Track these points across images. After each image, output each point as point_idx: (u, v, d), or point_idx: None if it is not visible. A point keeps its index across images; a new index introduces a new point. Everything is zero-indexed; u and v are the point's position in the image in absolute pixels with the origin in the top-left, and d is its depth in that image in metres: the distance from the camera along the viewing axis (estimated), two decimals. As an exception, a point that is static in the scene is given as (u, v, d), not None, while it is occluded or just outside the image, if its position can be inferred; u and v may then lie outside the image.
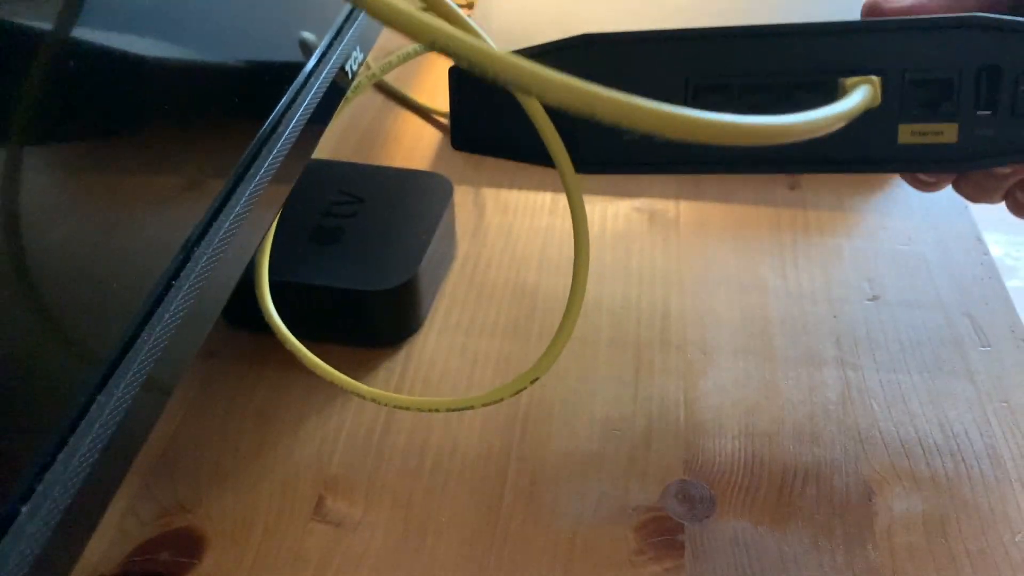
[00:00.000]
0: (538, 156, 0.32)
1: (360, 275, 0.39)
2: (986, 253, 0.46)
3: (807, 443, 0.36)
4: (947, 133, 0.28)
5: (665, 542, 0.32)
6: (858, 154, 0.29)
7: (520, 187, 0.51)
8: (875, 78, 0.28)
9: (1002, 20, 0.28)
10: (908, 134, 0.29)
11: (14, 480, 0.18)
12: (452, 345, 0.41)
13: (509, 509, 0.34)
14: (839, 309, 0.43)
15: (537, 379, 0.33)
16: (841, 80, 0.28)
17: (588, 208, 0.49)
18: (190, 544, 0.33)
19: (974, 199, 0.34)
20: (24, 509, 0.18)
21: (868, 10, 0.33)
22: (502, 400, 0.33)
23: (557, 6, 0.61)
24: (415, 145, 0.55)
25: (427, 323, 0.42)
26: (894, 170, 0.30)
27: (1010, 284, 0.45)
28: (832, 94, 0.28)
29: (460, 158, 0.53)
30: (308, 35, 0.34)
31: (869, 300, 0.43)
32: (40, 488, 0.19)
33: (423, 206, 0.43)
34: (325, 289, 0.38)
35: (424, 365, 0.40)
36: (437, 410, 0.34)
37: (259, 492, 0.34)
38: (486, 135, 0.34)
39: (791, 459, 0.35)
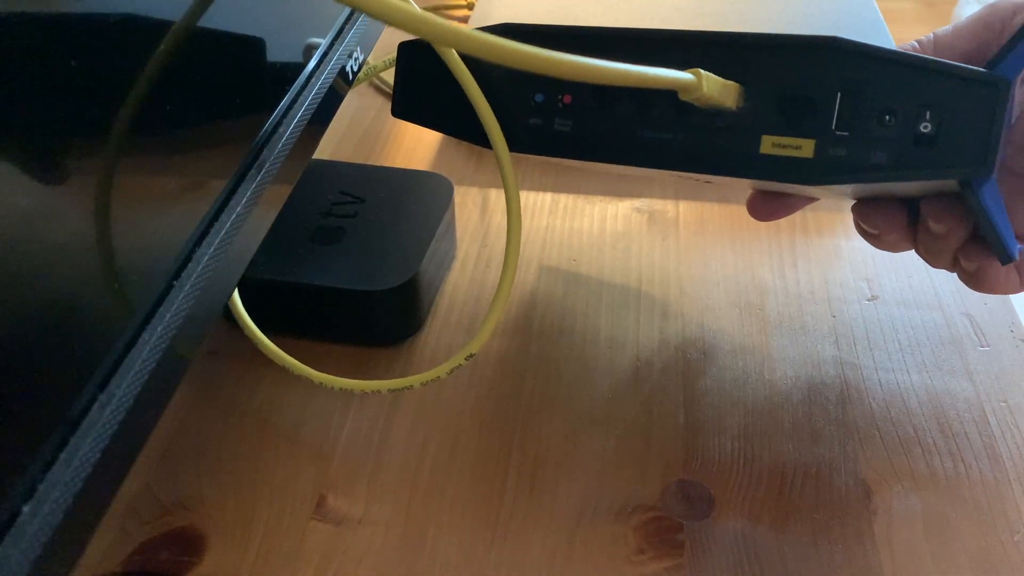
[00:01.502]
0: (471, 134, 0.34)
1: (361, 275, 0.39)
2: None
3: (806, 442, 0.36)
4: (804, 148, 0.29)
5: (665, 541, 0.33)
6: (725, 158, 0.31)
7: (520, 187, 0.51)
8: (731, 83, 0.29)
9: (864, 46, 0.28)
10: (770, 145, 0.30)
11: (16, 480, 0.18)
12: (452, 344, 0.41)
13: (509, 508, 0.34)
14: (838, 309, 0.43)
15: (472, 355, 0.35)
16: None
17: (588, 208, 0.49)
18: (191, 543, 0.33)
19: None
20: (26, 509, 0.18)
21: None
22: (439, 378, 0.35)
23: (555, 6, 0.61)
24: (415, 145, 0.55)
25: (427, 323, 0.42)
26: (755, 177, 0.31)
27: (1009, 284, 0.45)
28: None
29: (460, 158, 0.53)
30: (309, 36, 0.34)
31: (868, 300, 0.43)
32: (42, 488, 0.19)
33: (423, 206, 0.43)
34: (326, 289, 0.38)
35: (424, 364, 0.40)
36: (380, 391, 0.37)
37: (260, 491, 0.35)
38: (426, 108, 0.36)
39: (790, 458, 0.36)
